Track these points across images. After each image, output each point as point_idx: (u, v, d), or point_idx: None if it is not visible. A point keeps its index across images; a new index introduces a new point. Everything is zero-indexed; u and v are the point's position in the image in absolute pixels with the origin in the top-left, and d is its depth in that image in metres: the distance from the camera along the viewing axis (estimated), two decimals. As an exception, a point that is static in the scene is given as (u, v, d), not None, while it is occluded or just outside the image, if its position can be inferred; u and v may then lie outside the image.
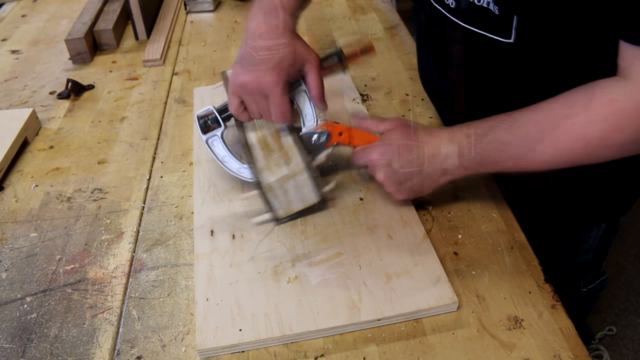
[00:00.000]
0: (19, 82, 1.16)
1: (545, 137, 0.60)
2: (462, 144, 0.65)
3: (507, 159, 0.63)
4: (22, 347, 0.62)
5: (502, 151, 0.63)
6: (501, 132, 0.63)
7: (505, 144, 0.63)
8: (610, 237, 0.92)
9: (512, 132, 0.62)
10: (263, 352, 0.60)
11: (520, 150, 0.62)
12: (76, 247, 0.74)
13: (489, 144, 0.63)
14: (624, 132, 0.56)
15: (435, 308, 0.62)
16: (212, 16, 1.39)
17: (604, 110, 0.57)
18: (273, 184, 0.70)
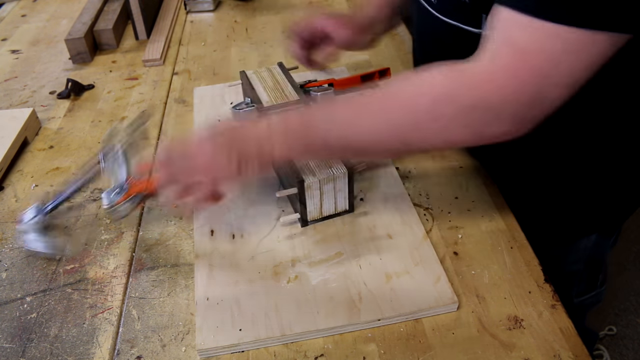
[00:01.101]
0: (19, 82, 1.16)
1: (375, 105, 0.58)
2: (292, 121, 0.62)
3: (335, 129, 0.59)
4: (22, 346, 0.62)
5: (329, 122, 0.60)
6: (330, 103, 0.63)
7: (334, 112, 0.60)
8: (604, 248, 0.90)
9: (343, 100, 0.61)
10: (263, 352, 0.60)
11: (349, 119, 0.59)
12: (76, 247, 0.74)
13: (316, 114, 0.61)
14: (452, 104, 0.53)
15: (435, 308, 0.62)
16: (212, 16, 1.39)
17: (438, 78, 0.54)
18: (314, 184, 0.69)
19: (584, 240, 0.86)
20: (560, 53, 0.49)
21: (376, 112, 0.58)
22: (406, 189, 0.78)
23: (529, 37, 0.49)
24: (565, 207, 0.81)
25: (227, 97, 1.01)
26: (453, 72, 0.54)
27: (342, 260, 0.68)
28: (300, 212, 0.71)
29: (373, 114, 0.58)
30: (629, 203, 0.84)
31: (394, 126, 0.57)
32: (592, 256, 0.89)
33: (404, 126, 0.56)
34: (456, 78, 0.53)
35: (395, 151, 0.61)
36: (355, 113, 0.59)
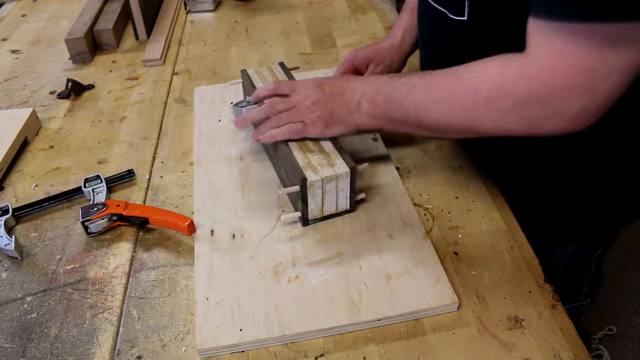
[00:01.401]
0: (19, 81, 1.16)
1: (444, 90, 0.62)
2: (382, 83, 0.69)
3: (409, 105, 0.65)
4: (22, 346, 0.62)
5: (407, 96, 0.65)
6: (413, 78, 0.66)
7: (412, 87, 0.65)
8: (586, 260, 0.90)
9: (421, 77, 0.65)
10: (263, 352, 0.60)
11: (422, 97, 0.64)
12: (76, 247, 0.74)
13: (399, 87, 0.66)
14: (507, 97, 0.57)
15: (436, 308, 0.62)
16: (212, 16, 1.39)
17: (495, 71, 0.58)
18: (316, 182, 0.69)
19: (560, 248, 0.87)
20: (599, 46, 0.51)
21: (444, 97, 0.63)
22: (406, 189, 0.78)
23: (563, 39, 0.52)
24: (541, 213, 0.82)
25: (227, 97, 1.01)
26: (507, 66, 0.57)
27: (342, 260, 0.68)
28: (302, 210, 0.71)
29: (441, 98, 0.63)
30: (611, 220, 0.84)
31: (459, 112, 0.61)
32: (571, 264, 0.89)
33: (467, 113, 0.61)
34: (509, 72, 0.57)
35: (463, 134, 0.65)
36: (429, 95, 0.64)
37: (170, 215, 0.74)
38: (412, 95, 0.65)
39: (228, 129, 0.92)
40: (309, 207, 0.71)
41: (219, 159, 0.86)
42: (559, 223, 0.84)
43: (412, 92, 0.65)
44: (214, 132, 0.92)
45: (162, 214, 0.74)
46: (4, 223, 0.76)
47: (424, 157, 0.84)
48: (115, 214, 0.75)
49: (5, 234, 0.74)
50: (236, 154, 0.86)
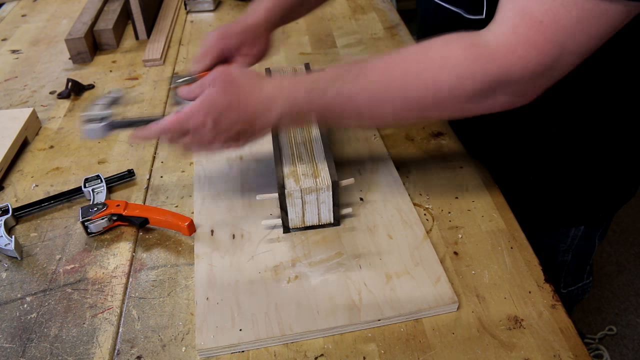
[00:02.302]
0: (19, 81, 1.16)
1: (393, 86, 0.57)
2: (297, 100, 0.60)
3: (350, 113, 0.60)
4: (22, 346, 0.62)
5: (344, 105, 0.59)
6: (344, 84, 0.59)
7: (348, 96, 0.59)
8: (592, 241, 0.92)
9: (358, 82, 0.58)
10: (263, 352, 0.60)
11: (366, 103, 0.59)
12: (76, 247, 0.74)
13: (331, 100, 0.59)
14: (476, 78, 0.54)
15: (435, 308, 0.62)
16: (212, 16, 1.39)
17: (459, 55, 0.54)
18: (295, 192, 0.68)
19: (572, 230, 0.88)
20: (575, 22, 0.50)
21: (396, 93, 0.58)
22: (406, 189, 0.78)
23: (545, 8, 0.50)
24: (556, 196, 0.83)
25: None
26: (473, 47, 0.54)
27: (342, 260, 0.68)
28: (282, 218, 0.70)
29: (393, 96, 0.58)
30: (617, 197, 0.86)
31: (415, 105, 0.58)
32: (580, 247, 0.91)
33: (426, 104, 0.57)
34: (478, 55, 0.54)
35: (408, 123, 0.61)
36: (374, 100, 0.58)
37: (170, 215, 0.74)
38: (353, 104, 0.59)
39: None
40: (288, 215, 0.70)
41: (219, 159, 0.86)
42: (574, 205, 0.84)
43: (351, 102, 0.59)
44: (214, 132, 0.92)
45: (162, 214, 0.74)
46: (4, 223, 0.76)
47: (424, 157, 0.84)
48: (115, 214, 0.75)
49: (5, 234, 0.74)
50: (236, 154, 0.86)
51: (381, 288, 0.64)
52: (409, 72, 0.57)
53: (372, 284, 0.64)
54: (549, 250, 0.91)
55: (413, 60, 0.57)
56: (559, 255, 0.92)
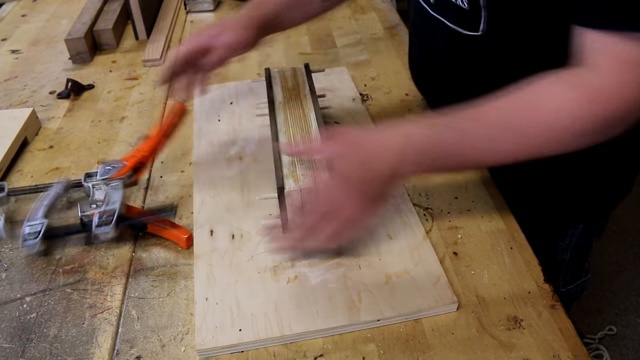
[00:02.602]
0: (18, 81, 1.16)
1: (509, 126, 0.59)
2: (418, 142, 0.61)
3: (469, 152, 0.61)
4: (22, 346, 0.62)
5: (464, 143, 0.60)
6: (464, 121, 0.60)
7: (468, 134, 0.60)
8: (590, 238, 0.92)
9: (477, 119, 0.60)
10: (262, 352, 0.60)
11: (484, 142, 0.60)
12: (76, 247, 0.74)
13: (451, 138, 0.60)
14: (592, 120, 0.56)
15: (435, 308, 0.61)
16: (212, 16, 1.39)
17: (571, 96, 0.56)
18: (294, 192, 0.67)
19: (571, 229, 0.89)
20: None
21: (514, 134, 0.59)
22: (406, 189, 0.78)
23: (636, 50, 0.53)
24: (555, 196, 0.83)
25: (227, 97, 1.01)
26: (581, 87, 0.56)
27: (341, 260, 0.68)
28: (282, 219, 0.69)
29: (510, 137, 0.59)
30: (614, 195, 0.87)
31: (532, 144, 0.59)
32: (579, 245, 0.92)
33: (543, 143, 0.59)
34: (588, 95, 0.56)
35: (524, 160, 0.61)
36: (491, 136, 0.59)
37: (169, 224, 0.73)
38: (470, 144, 0.60)
39: (228, 129, 0.92)
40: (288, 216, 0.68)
41: (219, 159, 0.86)
42: (572, 204, 0.85)
43: (468, 143, 0.60)
44: (213, 132, 0.92)
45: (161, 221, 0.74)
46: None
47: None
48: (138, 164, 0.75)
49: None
50: (236, 154, 0.86)
51: (381, 288, 0.64)
52: (525, 114, 0.58)
53: (372, 284, 0.64)
54: (549, 250, 0.91)
55: (526, 102, 0.58)
56: (558, 254, 0.92)
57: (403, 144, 0.60)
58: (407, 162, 0.60)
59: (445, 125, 0.60)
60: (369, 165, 0.61)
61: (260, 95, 1.00)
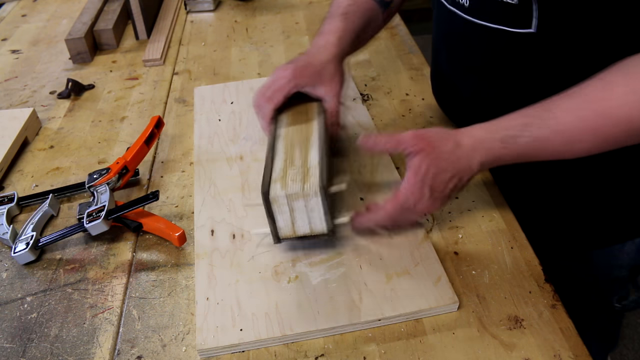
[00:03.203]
0: (19, 81, 1.16)
1: (588, 125, 0.57)
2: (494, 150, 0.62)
3: (545, 155, 0.61)
4: (23, 346, 0.62)
5: (539, 149, 0.60)
6: (536, 129, 0.59)
7: (543, 140, 0.59)
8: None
9: (549, 126, 0.59)
10: (263, 352, 0.60)
11: (560, 145, 0.59)
12: (76, 247, 0.74)
13: (526, 145, 0.60)
14: None
15: (436, 308, 0.62)
16: (212, 16, 1.39)
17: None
18: (280, 198, 0.63)
19: (628, 244, 0.85)
20: None
21: (590, 133, 0.58)
22: (406, 189, 0.78)
23: None
24: (609, 212, 0.80)
25: (227, 97, 1.01)
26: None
27: (342, 260, 0.68)
28: (270, 227, 0.65)
29: (587, 136, 0.58)
30: None
31: (609, 141, 0.58)
32: (636, 260, 0.88)
33: (620, 138, 0.57)
34: None
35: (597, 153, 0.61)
36: (567, 141, 0.59)
37: (163, 222, 0.74)
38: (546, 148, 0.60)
39: (228, 129, 0.92)
40: (276, 224, 0.65)
41: (219, 159, 0.86)
42: (629, 218, 0.82)
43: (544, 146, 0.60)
44: (214, 132, 0.92)
45: (156, 220, 0.74)
46: (7, 211, 0.77)
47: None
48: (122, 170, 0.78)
49: (5, 222, 0.75)
50: (236, 154, 0.86)
51: (381, 288, 0.64)
52: (599, 112, 0.57)
53: (373, 284, 0.64)
54: (604, 269, 0.89)
55: (600, 98, 0.57)
56: (615, 271, 0.89)
57: (483, 157, 0.62)
58: (483, 170, 0.64)
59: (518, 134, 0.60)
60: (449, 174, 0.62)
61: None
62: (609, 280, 0.91)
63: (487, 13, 0.68)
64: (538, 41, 0.65)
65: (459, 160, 0.62)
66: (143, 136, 0.84)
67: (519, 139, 0.60)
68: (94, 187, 0.78)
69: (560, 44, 0.65)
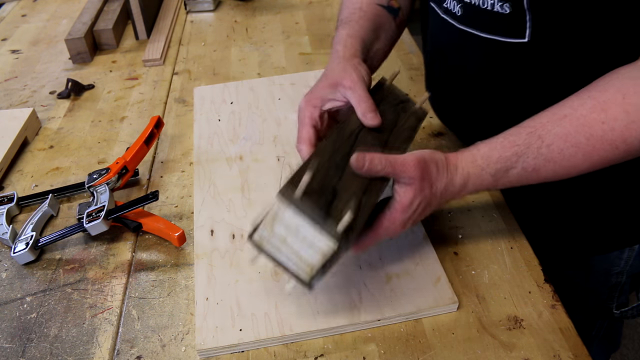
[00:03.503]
0: (19, 81, 1.16)
1: (581, 151, 0.55)
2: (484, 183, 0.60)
3: (537, 181, 0.59)
4: (22, 346, 0.62)
5: (531, 178, 0.59)
6: (529, 159, 0.57)
7: (535, 170, 0.58)
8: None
9: (541, 155, 0.57)
10: (263, 352, 0.60)
11: (552, 172, 0.58)
12: (76, 247, 0.74)
13: (517, 176, 0.58)
14: None
15: (435, 308, 0.62)
16: (212, 16, 1.39)
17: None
18: (262, 234, 0.54)
19: (627, 252, 0.85)
20: None
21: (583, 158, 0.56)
22: (406, 189, 0.78)
23: None
24: (607, 219, 0.80)
25: (227, 97, 1.01)
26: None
27: (342, 260, 0.67)
28: (287, 273, 0.56)
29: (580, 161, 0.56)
30: None
31: (605, 162, 0.56)
32: (636, 266, 0.87)
33: (615, 159, 0.56)
34: None
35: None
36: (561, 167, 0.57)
37: (162, 222, 0.74)
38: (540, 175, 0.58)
39: (228, 129, 0.92)
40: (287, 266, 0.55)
41: (219, 159, 0.86)
42: (628, 225, 0.81)
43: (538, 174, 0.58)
44: (213, 132, 0.92)
45: (156, 220, 0.74)
46: (7, 212, 0.77)
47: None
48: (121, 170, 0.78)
49: (5, 222, 0.75)
50: (236, 154, 0.86)
51: (381, 288, 0.64)
52: (595, 136, 0.55)
53: (372, 284, 0.64)
54: (602, 275, 0.88)
55: (594, 120, 0.55)
56: (612, 277, 0.88)
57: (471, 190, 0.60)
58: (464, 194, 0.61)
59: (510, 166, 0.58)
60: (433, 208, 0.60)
61: (260, 94, 1.00)
62: (607, 287, 0.90)
63: (479, 23, 0.67)
64: (532, 50, 0.64)
65: (446, 196, 0.60)
66: (143, 136, 0.84)
67: (510, 171, 0.58)
68: (93, 187, 0.78)
69: (554, 53, 0.64)
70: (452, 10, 0.70)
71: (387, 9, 0.79)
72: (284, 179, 0.80)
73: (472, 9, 0.66)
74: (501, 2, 0.63)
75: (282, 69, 1.12)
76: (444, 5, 0.71)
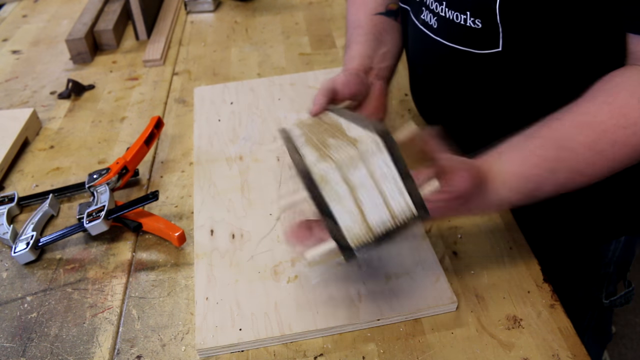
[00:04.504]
0: (19, 82, 1.16)
1: (604, 157, 0.55)
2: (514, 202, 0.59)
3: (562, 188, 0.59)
4: (23, 346, 0.62)
5: (557, 185, 0.58)
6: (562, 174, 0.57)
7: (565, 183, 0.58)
8: (633, 248, 0.90)
9: (563, 162, 0.56)
10: (262, 352, 0.60)
11: (576, 179, 0.58)
12: (76, 247, 0.75)
13: (547, 192, 0.58)
14: None
15: (435, 308, 0.62)
16: (212, 16, 1.39)
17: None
18: (331, 174, 0.42)
19: (613, 243, 0.86)
20: None
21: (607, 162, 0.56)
22: (406, 189, 0.78)
23: None
24: (594, 213, 0.81)
25: (227, 98, 1.01)
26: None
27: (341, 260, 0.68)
28: (332, 232, 0.44)
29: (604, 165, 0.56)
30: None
31: (626, 164, 0.56)
32: (622, 257, 0.89)
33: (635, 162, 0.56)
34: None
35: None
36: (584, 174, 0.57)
37: (162, 222, 0.74)
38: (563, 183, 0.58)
39: (228, 129, 0.92)
40: (339, 222, 0.44)
41: (219, 159, 0.86)
42: (614, 219, 0.83)
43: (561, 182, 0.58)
44: (213, 133, 0.92)
45: (156, 220, 0.74)
46: (7, 211, 0.77)
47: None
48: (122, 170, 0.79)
49: (5, 222, 0.76)
50: (236, 154, 0.87)
51: (380, 288, 0.64)
52: (618, 142, 0.55)
53: (372, 284, 0.64)
54: (590, 266, 0.89)
55: (615, 126, 0.55)
56: (601, 268, 0.90)
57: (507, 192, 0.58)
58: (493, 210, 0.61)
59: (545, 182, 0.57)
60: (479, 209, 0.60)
61: (260, 95, 1.00)
62: (595, 278, 0.92)
63: (453, 35, 0.68)
64: (505, 59, 0.65)
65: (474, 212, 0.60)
66: (143, 136, 0.84)
67: (543, 188, 0.58)
68: (93, 187, 0.78)
69: (527, 61, 0.65)
70: (428, 22, 0.71)
71: (386, 13, 0.81)
72: (284, 179, 0.80)
73: (446, 23, 0.68)
74: (473, 18, 0.64)
75: (282, 70, 1.12)
76: (422, 17, 0.73)
